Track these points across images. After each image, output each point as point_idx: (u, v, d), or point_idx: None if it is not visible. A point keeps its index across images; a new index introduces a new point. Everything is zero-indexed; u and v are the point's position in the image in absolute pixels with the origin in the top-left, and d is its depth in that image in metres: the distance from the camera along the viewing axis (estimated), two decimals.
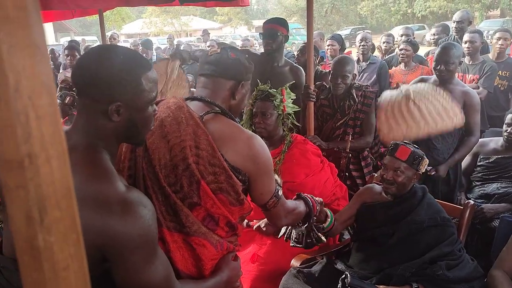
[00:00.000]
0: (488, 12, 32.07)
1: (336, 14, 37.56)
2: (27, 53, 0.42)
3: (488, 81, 4.51)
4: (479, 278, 2.25)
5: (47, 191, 0.45)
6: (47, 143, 0.44)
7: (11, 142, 0.43)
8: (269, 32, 3.67)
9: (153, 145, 1.53)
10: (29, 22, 0.41)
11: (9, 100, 0.42)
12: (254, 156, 1.54)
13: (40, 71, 0.43)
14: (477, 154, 3.46)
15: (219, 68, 1.61)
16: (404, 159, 2.29)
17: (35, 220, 0.45)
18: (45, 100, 0.44)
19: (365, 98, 3.50)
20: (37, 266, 0.47)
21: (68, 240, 0.48)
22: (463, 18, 5.27)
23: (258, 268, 2.49)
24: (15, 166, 0.44)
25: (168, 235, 1.49)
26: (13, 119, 0.42)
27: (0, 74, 0.41)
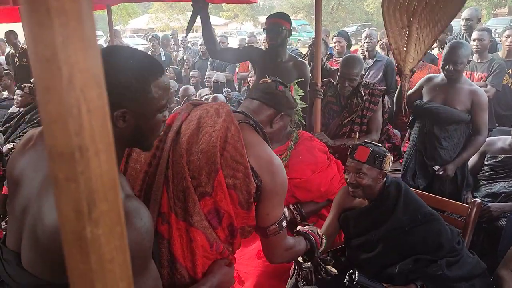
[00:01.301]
0: (495, 10, 31.87)
1: (342, 10, 37.42)
2: (80, 46, 0.42)
3: (497, 79, 4.49)
4: (480, 275, 2.23)
5: (96, 184, 0.45)
6: (96, 136, 0.44)
7: (62, 135, 0.43)
8: (273, 26, 3.65)
9: (187, 131, 1.59)
10: (82, 15, 0.41)
11: (62, 92, 0.41)
12: (273, 173, 1.59)
13: (92, 65, 0.43)
14: (485, 153, 3.45)
15: (264, 95, 1.79)
16: (364, 160, 2.20)
17: (84, 213, 0.46)
18: (96, 93, 0.44)
19: (373, 96, 3.50)
20: (84, 258, 0.47)
21: (114, 233, 0.49)
22: (471, 16, 5.25)
23: (264, 264, 2.49)
24: (66, 159, 0.44)
25: (174, 221, 1.51)
26: (65, 112, 0.42)
27: (54, 66, 0.41)
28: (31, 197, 1.16)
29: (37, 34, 0.41)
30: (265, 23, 3.76)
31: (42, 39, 0.41)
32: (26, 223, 1.16)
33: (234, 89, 6.64)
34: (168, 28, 33.28)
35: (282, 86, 1.82)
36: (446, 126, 3.36)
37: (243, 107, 1.80)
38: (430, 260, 2.16)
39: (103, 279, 0.49)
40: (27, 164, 1.22)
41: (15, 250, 1.22)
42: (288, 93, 1.83)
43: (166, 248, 1.52)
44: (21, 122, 4.84)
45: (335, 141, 3.44)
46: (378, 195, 2.28)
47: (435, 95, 3.43)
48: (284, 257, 1.81)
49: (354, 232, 2.37)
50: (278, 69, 3.57)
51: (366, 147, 2.23)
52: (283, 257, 1.80)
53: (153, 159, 1.58)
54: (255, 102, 1.79)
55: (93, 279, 0.48)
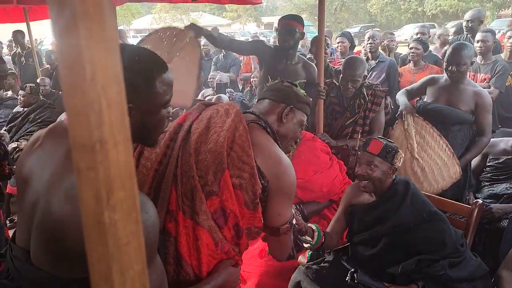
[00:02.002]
0: (499, 11, 31.84)
1: (346, 11, 37.44)
2: (102, 46, 0.46)
3: (500, 80, 4.49)
4: (482, 277, 2.23)
5: (114, 173, 0.50)
6: (115, 129, 0.49)
7: (85, 128, 0.47)
8: (287, 28, 3.64)
9: (197, 130, 1.61)
10: (105, 17, 0.46)
11: (85, 89, 0.46)
12: (281, 173, 1.59)
13: (113, 64, 0.47)
14: (487, 155, 3.45)
15: (272, 92, 1.82)
16: (376, 152, 2.24)
17: (103, 199, 0.50)
18: (115, 90, 0.48)
19: (375, 97, 3.51)
20: (103, 241, 0.52)
21: (130, 218, 0.53)
22: (474, 17, 5.25)
23: (266, 264, 2.51)
24: (87, 150, 0.48)
25: (181, 219, 1.53)
26: (87, 107, 0.47)
27: (79, 65, 0.45)
28: (39, 194, 1.18)
29: (64, 36, 0.45)
30: (278, 24, 3.75)
31: (68, 40, 0.45)
32: (35, 219, 1.18)
33: (237, 89, 6.67)
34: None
35: (289, 83, 1.84)
36: (450, 126, 3.37)
37: (254, 107, 1.82)
38: (432, 260, 2.17)
39: (119, 261, 0.53)
40: (35, 162, 1.25)
41: (24, 247, 1.24)
42: (296, 89, 1.83)
43: (173, 245, 1.54)
44: (25, 122, 4.88)
45: (337, 142, 3.46)
46: (386, 191, 2.30)
47: (438, 96, 3.44)
48: (289, 252, 1.81)
49: (359, 227, 2.39)
50: (288, 71, 3.59)
51: (380, 141, 2.27)
52: (289, 252, 1.81)
53: (163, 157, 1.61)
54: (265, 101, 1.81)
55: (110, 261, 0.53)
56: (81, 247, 1.11)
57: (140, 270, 0.56)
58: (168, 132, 1.67)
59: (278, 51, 3.78)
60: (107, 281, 0.53)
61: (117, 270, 0.53)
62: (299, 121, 1.83)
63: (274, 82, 1.87)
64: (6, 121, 5.06)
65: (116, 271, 0.53)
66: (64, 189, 1.12)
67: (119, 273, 0.53)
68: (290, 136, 1.82)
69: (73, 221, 1.08)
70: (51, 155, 1.22)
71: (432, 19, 32.43)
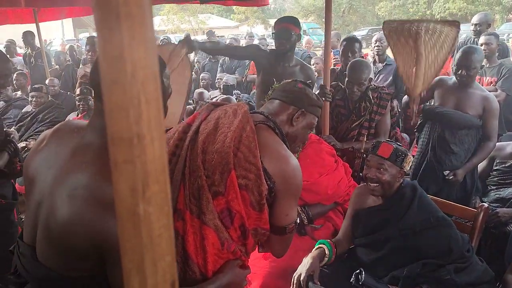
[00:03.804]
0: (508, 15, 31.69)
1: (354, 14, 37.35)
2: (143, 45, 0.48)
3: (507, 83, 4.50)
4: (488, 282, 2.22)
5: (150, 167, 0.52)
6: (152, 125, 0.51)
7: (124, 122, 0.50)
8: (283, 31, 3.62)
9: (205, 131, 1.62)
10: (146, 19, 0.48)
11: (126, 85, 0.48)
12: (288, 174, 1.59)
13: (151, 61, 0.50)
14: (494, 158, 3.45)
15: (284, 93, 1.79)
16: (386, 156, 2.25)
17: (139, 192, 0.52)
18: (153, 87, 0.50)
19: (381, 100, 3.50)
20: (137, 232, 0.54)
21: (163, 211, 0.55)
22: (481, 21, 5.24)
23: (270, 265, 2.51)
24: (125, 143, 0.50)
25: (189, 217, 1.54)
26: (127, 102, 0.49)
27: (121, 62, 0.48)
28: (45, 192, 1.21)
29: (107, 36, 0.48)
30: (274, 27, 3.74)
31: (111, 40, 0.48)
32: (41, 217, 1.21)
33: (244, 91, 6.69)
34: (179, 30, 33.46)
35: (302, 84, 1.82)
36: (458, 130, 3.37)
37: (264, 108, 1.81)
38: (438, 265, 2.16)
39: (152, 252, 0.55)
40: (41, 162, 1.28)
41: (31, 244, 1.27)
42: (309, 91, 1.81)
43: (180, 244, 1.55)
44: (34, 121, 4.92)
45: (343, 144, 3.46)
46: (393, 194, 2.31)
47: (446, 99, 3.44)
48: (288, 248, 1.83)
49: (365, 230, 2.39)
50: (285, 73, 3.57)
51: (390, 144, 2.28)
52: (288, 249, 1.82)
53: (172, 157, 1.63)
54: (275, 102, 1.79)
55: (143, 252, 0.55)
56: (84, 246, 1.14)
57: (170, 261, 0.58)
58: (177, 132, 1.69)
59: (274, 53, 3.77)
60: (140, 271, 0.55)
61: (149, 260, 0.55)
62: (309, 124, 1.82)
63: (287, 82, 1.84)
64: (15, 121, 5.11)
65: (148, 261, 0.55)
66: (68, 188, 1.15)
67: (151, 264, 0.55)
68: (300, 139, 1.83)
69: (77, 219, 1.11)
70: (56, 155, 1.25)
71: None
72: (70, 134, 1.29)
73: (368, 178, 2.30)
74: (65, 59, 7.50)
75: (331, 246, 2.36)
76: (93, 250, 1.13)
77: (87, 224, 1.10)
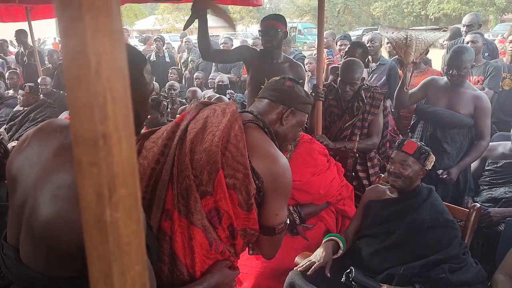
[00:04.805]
0: (502, 16, 31.87)
1: (349, 14, 37.45)
2: (108, 38, 0.44)
3: (493, 81, 4.54)
4: (482, 282, 2.25)
5: (117, 169, 0.48)
6: (119, 124, 0.47)
7: (88, 122, 0.46)
8: (269, 29, 3.61)
9: (193, 130, 1.61)
10: (111, 9, 0.44)
11: (90, 81, 0.44)
12: (277, 174, 1.57)
13: (118, 56, 0.46)
14: (486, 159, 3.48)
15: (272, 92, 1.76)
16: (411, 152, 2.34)
17: (105, 197, 0.48)
18: (120, 83, 0.47)
19: (374, 100, 3.51)
20: (103, 240, 0.50)
21: (132, 217, 0.51)
22: (473, 21, 5.26)
23: (262, 265, 2.50)
24: (90, 144, 0.47)
25: (177, 218, 1.53)
26: (92, 100, 0.45)
27: (84, 56, 0.44)
28: (27, 192, 1.19)
29: (69, 27, 0.44)
30: (260, 25, 3.75)
31: (73, 32, 0.44)
32: (24, 218, 1.19)
33: (238, 90, 6.66)
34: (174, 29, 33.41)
35: (291, 82, 1.78)
36: (449, 130, 3.38)
37: (253, 107, 1.78)
38: (433, 264, 2.20)
39: (120, 260, 0.51)
40: (23, 161, 1.26)
41: (14, 245, 1.25)
42: (298, 89, 1.77)
43: (168, 244, 1.54)
44: (25, 120, 4.89)
45: (335, 144, 3.46)
46: (410, 191, 2.39)
47: (438, 99, 3.45)
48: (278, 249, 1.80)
49: (373, 220, 2.45)
50: (273, 70, 3.53)
51: (415, 142, 2.38)
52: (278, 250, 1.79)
53: (161, 156, 1.61)
54: (264, 101, 1.77)
55: (111, 260, 0.51)
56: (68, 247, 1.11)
57: (140, 270, 0.54)
58: (166, 131, 1.66)
59: (262, 52, 3.77)
60: (107, 282, 0.51)
61: (117, 270, 0.51)
62: (300, 122, 1.80)
63: (276, 80, 1.81)
64: (6, 120, 5.06)
65: (116, 271, 0.51)
66: (52, 188, 1.13)
67: (119, 273, 0.51)
68: (290, 137, 1.81)
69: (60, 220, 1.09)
70: (39, 154, 1.23)
71: (435, 22, 32.47)
72: (53, 134, 1.26)
73: (391, 173, 2.39)
74: (58, 57, 7.44)
75: (343, 238, 2.44)
76: (77, 250, 1.11)
77: (71, 224, 1.08)
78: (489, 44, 5.49)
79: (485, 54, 5.15)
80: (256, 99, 1.84)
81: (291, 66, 3.72)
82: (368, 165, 3.58)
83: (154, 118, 3.55)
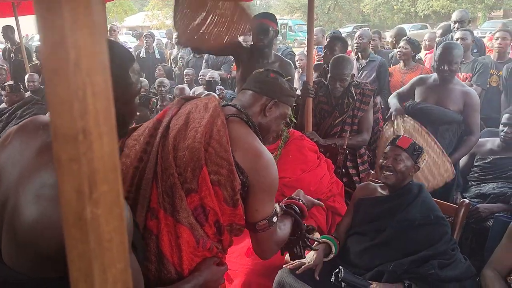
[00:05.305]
0: (491, 13, 32.08)
1: (339, 11, 37.47)
2: (88, 31, 0.43)
3: (481, 78, 4.58)
4: (470, 278, 2.27)
5: (98, 165, 0.47)
6: (100, 119, 0.46)
7: (68, 117, 0.45)
8: (261, 27, 3.58)
9: (175, 126, 1.58)
10: (91, 0, 0.43)
11: (69, 75, 0.43)
12: (261, 168, 1.55)
13: (98, 50, 0.45)
14: (474, 155, 3.50)
15: (256, 83, 1.73)
16: (405, 147, 2.36)
17: (85, 193, 0.47)
18: (101, 78, 0.45)
19: (364, 96, 3.51)
20: (84, 237, 0.49)
21: (113, 213, 0.50)
22: (463, 18, 5.29)
23: (253, 262, 2.49)
24: (70, 140, 0.45)
25: (162, 216, 1.51)
26: (71, 94, 0.44)
27: (62, 49, 0.43)
28: (9, 192, 1.16)
29: (46, 19, 0.42)
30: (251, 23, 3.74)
31: (51, 23, 0.42)
32: (6, 218, 1.16)
33: (228, 87, 6.64)
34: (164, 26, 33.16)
35: (275, 74, 1.76)
36: (439, 126, 3.40)
37: (236, 100, 1.76)
38: (423, 261, 2.21)
39: (101, 258, 0.50)
40: (5, 160, 1.22)
41: None
42: (281, 80, 1.75)
43: (155, 243, 1.52)
44: (12, 118, 4.83)
45: (325, 141, 3.46)
46: (401, 188, 2.40)
47: (427, 96, 3.48)
48: (274, 251, 1.76)
49: (363, 218, 2.46)
50: None
51: (409, 138, 2.43)
52: (273, 251, 1.75)
53: (143, 154, 1.58)
54: (248, 92, 1.74)
55: (91, 258, 0.50)
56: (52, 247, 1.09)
57: (122, 268, 0.53)
58: (147, 128, 1.64)
59: (253, 50, 3.75)
60: (88, 280, 0.50)
61: (98, 268, 0.50)
62: (283, 114, 1.77)
63: (259, 72, 1.78)
64: None
65: (97, 269, 0.50)
66: (34, 187, 1.10)
67: (100, 272, 0.50)
68: (273, 129, 1.78)
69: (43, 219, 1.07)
70: (21, 153, 1.20)
71: (424, 19, 32.60)
72: (35, 132, 1.23)
73: (384, 167, 2.39)
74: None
75: (335, 241, 2.43)
76: (61, 251, 1.08)
77: (55, 224, 1.05)
78: (477, 41, 5.53)
79: (474, 51, 5.19)
80: (239, 92, 1.83)
81: (281, 65, 3.70)
82: (358, 162, 3.58)
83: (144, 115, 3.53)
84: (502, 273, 2.22)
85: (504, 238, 2.28)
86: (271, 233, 1.64)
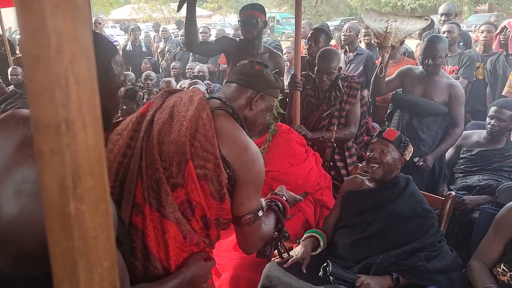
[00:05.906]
0: (476, 7, 32.32)
1: (327, 4, 37.45)
2: (70, 15, 0.40)
3: (468, 71, 4.61)
4: (457, 269, 2.29)
5: (82, 158, 0.44)
6: (84, 109, 0.43)
7: (49, 106, 0.42)
8: (248, 19, 3.59)
9: (160, 120, 1.56)
10: None
11: (50, 62, 0.40)
12: (247, 162, 1.53)
13: (82, 35, 0.42)
14: (460, 147, 3.53)
15: (241, 76, 1.69)
16: (391, 139, 2.38)
17: (68, 188, 0.44)
18: (85, 65, 0.42)
19: (351, 89, 3.51)
20: (68, 234, 0.46)
21: (99, 209, 0.47)
22: (450, 11, 5.32)
23: (241, 256, 2.48)
24: (51, 131, 0.42)
25: (148, 212, 1.49)
26: (52, 82, 0.41)
27: (43, 34, 0.40)
28: None
29: (25, 2, 0.39)
30: (240, 15, 3.72)
31: (30, 6, 0.39)
32: None
33: (216, 81, 6.60)
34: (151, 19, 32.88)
35: (260, 66, 1.72)
36: (425, 118, 3.42)
37: (221, 92, 1.73)
38: (410, 253, 2.22)
39: (86, 256, 0.48)
40: None
41: None
42: (267, 72, 1.71)
43: (140, 239, 1.50)
44: None
45: (313, 134, 3.46)
46: (389, 181, 2.42)
47: (413, 88, 3.49)
48: (258, 246, 1.75)
49: (352, 210, 2.46)
50: None
51: (395, 130, 2.45)
52: (257, 247, 1.75)
53: (127, 149, 1.56)
54: (233, 85, 1.70)
55: (75, 256, 0.47)
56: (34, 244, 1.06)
57: (109, 266, 0.50)
58: (131, 122, 1.61)
59: (243, 42, 3.75)
60: (72, 279, 0.48)
61: (83, 266, 0.47)
62: (269, 106, 1.75)
63: (244, 64, 1.74)
64: None
65: (82, 267, 0.47)
66: (15, 183, 1.07)
67: (86, 270, 0.48)
68: (259, 122, 1.77)
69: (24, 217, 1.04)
70: (0, 147, 1.16)
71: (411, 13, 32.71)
72: (16, 125, 1.19)
73: (371, 159, 2.41)
74: None
75: (323, 235, 2.43)
76: (44, 249, 1.05)
77: (37, 221, 1.03)
78: (463, 34, 5.56)
79: (460, 44, 5.21)
80: (224, 84, 1.80)
81: (271, 56, 3.71)
82: (346, 155, 3.58)
83: (130, 108, 3.49)
84: (488, 264, 2.23)
85: (490, 229, 2.30)
86: (256, 227, 1.62)
